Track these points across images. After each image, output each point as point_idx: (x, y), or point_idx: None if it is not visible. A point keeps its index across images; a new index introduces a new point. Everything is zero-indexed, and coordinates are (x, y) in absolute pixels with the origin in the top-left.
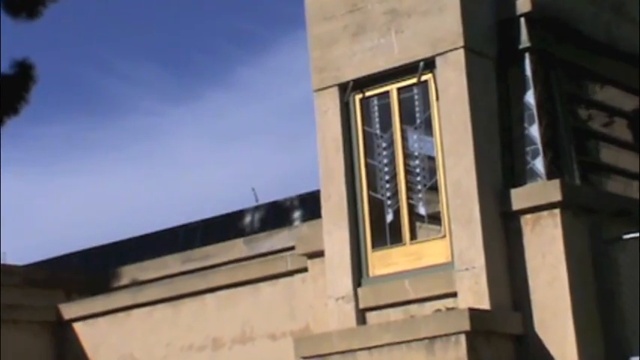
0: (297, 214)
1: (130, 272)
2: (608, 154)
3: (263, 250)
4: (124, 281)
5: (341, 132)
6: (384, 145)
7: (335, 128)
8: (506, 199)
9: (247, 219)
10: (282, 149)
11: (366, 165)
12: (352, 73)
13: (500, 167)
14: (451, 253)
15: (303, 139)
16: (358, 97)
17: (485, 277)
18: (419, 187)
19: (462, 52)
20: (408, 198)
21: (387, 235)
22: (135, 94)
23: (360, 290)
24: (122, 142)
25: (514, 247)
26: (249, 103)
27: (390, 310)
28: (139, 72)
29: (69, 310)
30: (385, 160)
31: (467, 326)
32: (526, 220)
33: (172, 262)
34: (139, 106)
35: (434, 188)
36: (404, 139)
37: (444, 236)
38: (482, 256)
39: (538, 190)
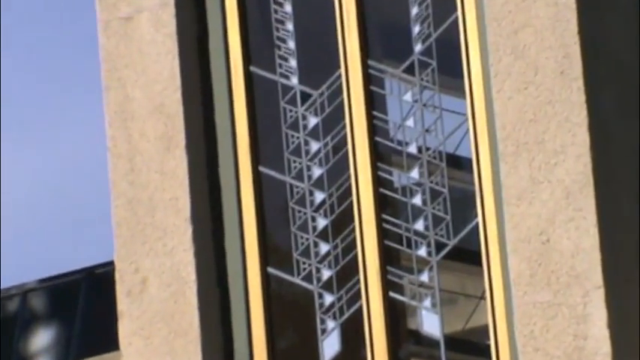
0: (43, 334)
1: None
2: None
3: None
4: None
5: (180, 87)
6: (312, 121)
7: (160, 75)
8: None
9: None
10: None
11: (256, 183)
12: None
13: None
14: None
15: (63, 108)
16: None
17: None
18: (420, 251)
19: None
20: (386, 284)
21: None
22: None
23: None
24: None
25: None
26: None
27: None
28: None
29: None
30: (317, 171)
31: None
32: None
33: None
34: None
35: (456, 256)
36: (371, 104)
37: None
38: None
39: None
